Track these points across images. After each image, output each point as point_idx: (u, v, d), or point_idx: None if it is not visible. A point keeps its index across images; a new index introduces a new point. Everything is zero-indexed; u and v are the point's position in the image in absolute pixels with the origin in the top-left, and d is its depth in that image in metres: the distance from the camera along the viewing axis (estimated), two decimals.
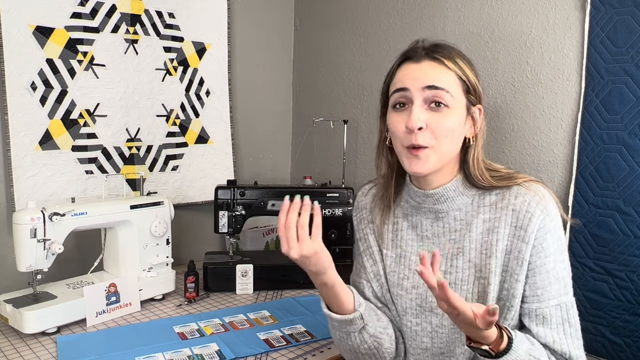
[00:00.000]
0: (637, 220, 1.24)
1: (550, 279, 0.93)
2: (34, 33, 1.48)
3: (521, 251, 0.93)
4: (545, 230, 0.93)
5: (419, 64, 0.96)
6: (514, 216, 0.95)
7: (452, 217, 1.01)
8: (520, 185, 0.96)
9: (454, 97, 0.94)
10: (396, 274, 1.06)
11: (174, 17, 1.79)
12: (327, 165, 2.08)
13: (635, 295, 1.25)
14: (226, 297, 1.57)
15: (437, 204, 1.01)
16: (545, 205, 0.94)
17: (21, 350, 1.19)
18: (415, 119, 0.92)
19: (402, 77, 0.97)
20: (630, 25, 1.23)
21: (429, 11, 1.69)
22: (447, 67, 0.95)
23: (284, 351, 1.23)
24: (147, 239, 1.49)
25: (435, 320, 1.01)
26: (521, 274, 0.94)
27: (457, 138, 0.96)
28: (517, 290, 0.94)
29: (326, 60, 2.07)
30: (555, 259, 0.94)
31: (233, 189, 1.64)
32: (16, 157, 1.48)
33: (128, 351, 1.19)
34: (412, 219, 1.06)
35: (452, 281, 0.99)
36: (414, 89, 0.94)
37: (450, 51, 0.97)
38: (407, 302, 1.04)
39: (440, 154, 0.95)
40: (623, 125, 1.25)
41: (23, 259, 1.26)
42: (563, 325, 0.94)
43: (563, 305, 0.94)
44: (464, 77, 0.96)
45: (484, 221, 0.98)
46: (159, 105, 1.78)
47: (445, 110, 0.93)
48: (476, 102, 0.98)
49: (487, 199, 0.99)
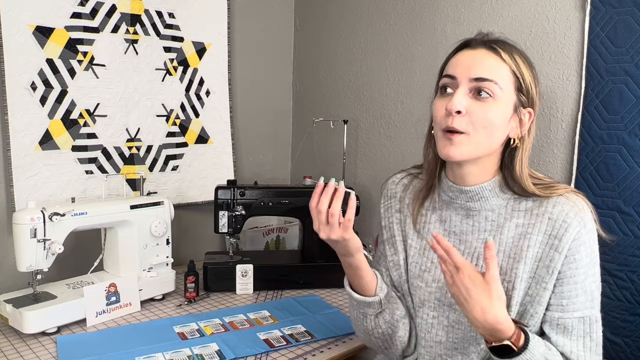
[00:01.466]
0: (637, 220, 1.24)
1: (578, 290, 0.92)
2: (34, 33, 1.48)
3: (553, 260, 0.92)
4: (579, 242, 0.92)
5: (475, 50, 0.95)
6: (549, 224, 0.93)
7: (484, 216, 1.00)
8: (561, 195, 0.95)
9: (502, 89, 0.92)
10: (418, 265, 1.06)
11: (174, 17, 1.79)
12: (327, 165, 2.08)
13: (635, 295, 1.25)
14: (226, 297, 1.57)
15: (471, 201, 1.00)
16: (583, 217, 0.92)
17: (21, 350, 1.19)
18: (455, 102, 0.91)
19: (455, 63, 0.96)
20: (630, 25, 1.23)
21: (429, 11, 1.69)
22: (501, 59, 0.93)
23: (284, 351, 1.23)
24: (147, 239, 1.49)
25: (453, 316, 1.01)
26: (550, 282, 0.93)
27: (496, 132, 0.93)
28: (544, 298, 0.93)
29: (326, 60, 2.07)
30: (585, 272, 0.92)
31: (233, 189, 1.64)
32: (16, 157, 1.48)
33: (128, 351, 1.19)
34: (441, 213, 1.05)
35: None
36: (461, 78, 0.93)
37: (510, 46, 0.96)
38: (426, 294, 1.03)
39: (475, 143, 0.93)
40: (623, 125, 1.25)
41: (23, 259, 1.26)
42: (584, 338, 0.92)
43: (587, 319, 0.93)
44: (517, 73, 0.93)
45: (517, 226, 0.97)
46: (159, 105, 1.78)
47: (489, 101, 0.92)
48: (527, 104, 0.95)
49: (523, 204, 0.97)
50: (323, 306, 1.50)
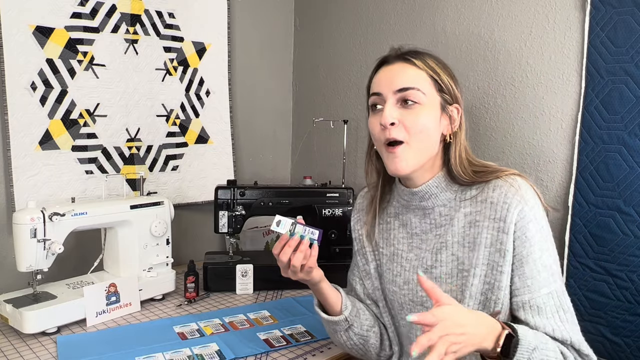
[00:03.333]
0: (637, 220, 1.24)
1: (539, 267, 0.94)
2: (34, 33, 1.48)
3: (502, 242, 0.95)
4: (526, 220, 0.94)
5: (392, 65, 1.03)
6: (492, 208, 0.97)
7: (438, 212, 1.04)
8: (499, 178, 0.98)
9: (425, 94, 0.99)
10: (390, 271, 1.10)
11: (174, 17, 1.79)
12: (327, 165, 2.08)
13: (635, 295, 1.25)
14: (226, 297, 1.57)
15: (423, 200, 1.05)
16: (523, 195, 0.95)
17: (21, 350, 1.19)
18: (387, 115, 0.98)
19: (377, 81, 1.04)
20: (630, 25, 1.23)
21: (429, 11, 1.69)
22: (417, 67, 1.00)
23: (284, 351, 1.23)
24: (147, 239, 1.49)
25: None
26: (505, 265, 0.94)
27: (432, 134, 1.00)
28: (503, 282, 0.95)
29: (326, 60, 2.07)
30: (540, 248, 0.94)
31: (233, 189, 1.64)
32: (16, 157, 1.48)
33: (128, 351, 1.19)
34: (402, 218, 1.10)
35: (437, 275, 1.02)
36: (386, 92, 1.00)
37: (422, 54, 1.03)
38: (401, 297, 1.08)
39: (415, 150, 0.99)
40: (623, 125, 1.25)
41: (23, 259, 1.26)
42: (558, 312, 0.94)
43: (554, 293, 0.94)
44: (435, 75, 1.00)
45: (465, 215, 1.00)
46: (159, 105, 1.78)
47: (416, 107, 0.98)
48: (452, 102, 1.02)
49: (468, 193, 1.02)
50: None
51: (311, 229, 1.05)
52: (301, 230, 1.03)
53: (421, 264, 1.05)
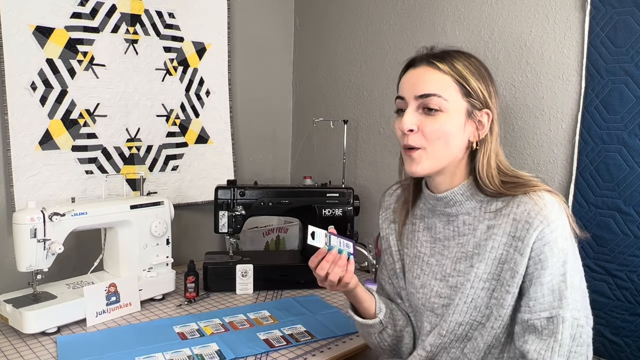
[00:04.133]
0: (637, 220, 1.24)
1: (544, 291, 0.90)
2: (34, 33, 1.48)
3: (516, 263, 0.92)
4: (543, 242, 0.90)
5: (417, 69, 0.99)
6: (513, 225, 0.93)
7: (462, 221, 1.02)
8: (526, 194, 0.93)
9: (448, 100, 0.95)
10: (411, 272, 1.10)
11: (174, 17, 1.79)
12: (327, 165, 2.08)
13: (635, 295, 1.25)
14: (226, 297, 1.57)
15: (447, 207, 1.03)
16: (546, 216, 0.90)
17: (21, 350, 1.19)
18: (405, 121, 0.96)
19: (402, 84, 1.01)
20: (630, 25, 1.23)
21: (428, 11, 1.69)
22: (441, 71, 0.96)
23: (284, 351, 1.23)
24: (147, 239, 1.49)
25: (435, 321, 1.03)
26: (512, 285, 0.92)
27: (452, 141, 0.96)
28: (506, 302, 0.93)
29: (326, 60, 2.07)
30: (552, 272, 0.90)
31: (233, 189, 1.64)
32: (16, 157, 1.48)
33: (128, 351, 1.19)
34: (427, 221, 1.08)
35: (453, 284, 1.00)
36: (408, 97, 0.98)
37: (452, 56, 0.98)
38: (416, 300, 1.08)
39: (433, 155, 0.97)
40: (623, 125, 1.25)
41: (23, 259, 1.26)
42: (550, 338, 0.89)
43: (554, 319, 0.89)
44: (462, 80, 0.95)
45: (488, 227, 0.97)
46: (159, 105, 1.78)
47: (438, 115, 0.95)
48: (481, 107, 0.97)
49: (494, 205, 0.97)
50: (323, 306, 1.50)
51: (345, 241, 1.04)
52: (337, 243, 1.01)
53: (440, 270, 1.03)
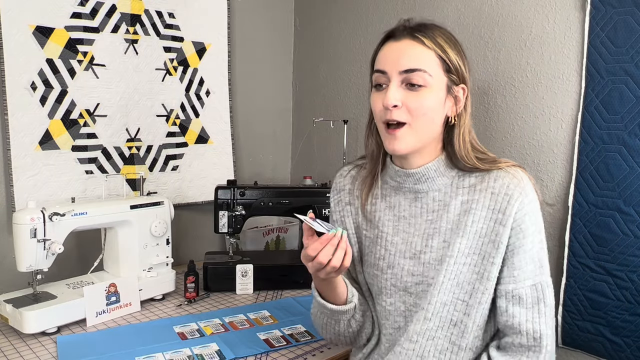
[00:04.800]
0: (637, 220, 1.24)
1: (527, 259, 0.95)
2: (34, 33, 1.48)
3: (498, 234, 0.94)
4: (523, 212, 0.94)
5: (399, 42, 0.97)
6: (492, 199, 0.95)
7: (431, 197, 1.01)
8: (501, 169, 0.97)
9: (432, 76, 0.94)
10: (372, 254, 1.06)
11: (174, 17, 1.79)
12: (327, 165, 2.07)
13: (635, 295, 1.25)
14: (226, 297, 1.57)
15: (418, 183, 1.02)
16: (524, 187, 0.95)
17: (21, 350, 1.19)
18: (390, 97, 0.94)
19: (382, 57, 0.98)
20: (630, 25, 1.23)
21: (428, 11, 1.68)
22: (425, 46, 0.95)
23: (284, 351, 1.23)
24: (147, 239, 1.49)
25: (410, 300, 1.01)
26: (497, 256, 0.94)
27: (435, 117, 0.97)
28: (492, 274, 0.95)
29: (326, 61, 2.07)
30: (532, 240, 0.95)
31: (233, 189, 1.65)
32: (16, 157, 1.48)
33: (128, 351, 1.19)
34: (390, 200, 1.06)
35: (425, 261, 0.99)
36: (391, 72, 0.95)
37: (433, 30, 0.97)
38: (382, 281, 1.04)
39: (417, 132, 0.96)
40: (623, 125, 1.25)
41: (23, 259, 1.26)
42: (538, 304, 0.95)
43: (538, 285, 0.95)
44: (443, 55, 0.95)
45: (462, 203, 0.98)
46: (159, 105, 1.78)
47: (422, 90, 0.94)
48: (459, 82, 0.98)
49: (467, 180, 0.99)
50: None
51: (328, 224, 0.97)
52: (327, 227, 0.94)
53: (409, 249, 1.01)
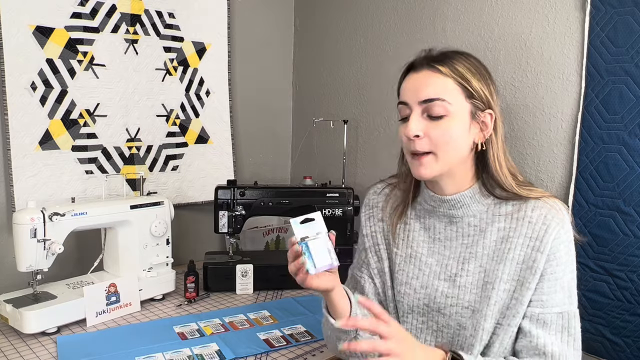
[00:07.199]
0: (637, 220, 1.24)
1: (557, 287, 0.95)
2: (34, 33, 1.48)
3: (536, 260, 0.95)
4: (560, 241, 0.96)
5: (418, 73, 0.98)
6: (530, 227, 0.97)
7: (467, 222, 1.03)
8: (539, 199, 0.99)
9: (452, 104, 0.95)
10: (405, 272, 1.07)
11: (174, 17, 1.79)
12: (327, 165, 2.07)
13: (635, 295, 1.25)
14: (226, 297, 1.57)
15: (453, 209, 1.03)
16: (562, 218, 0.97)
17: (21, 350, 1.19)
18: (411, 128, 0.96)
19: (404, 89, 1.01)
20: (630, 25, 1.23)
21: (428, 11, 1.68)
22: (443, 74, 0.96)
23: (284, 351, 1.23)
24: (147, 239, 1.49)
25: (442, 320, 1.03)
26: (532, 282, 0.95)
27: (460, 144, 0.97)
28: (526, 298, 0.96)
29: (326, 60, 2.07)
30: (564, 269, 0.96)
31: (233, 189, 1.65)
32: (16, 157, 1.48)
33: (128, 351, 1.19)
34: (424, 221, 1.08)
35: (461, 284, 1.01)
36: (412, 103, 0.97)
37: (452, 58, 0.98)
38: (415, 300, 1.05)
39: (441, 159, 0.97)
40: (623, 125, 1.25)
41: (23, 259, 1.26)
42: (562, 333, 0.95)
43: (565, 314, 0.96)
44: (464, 82, 0.96)
45: (498, 230, 1.00)
46: (159, 105, 1.78)
47: (443, 119, 0.95)
48: (484, 108, 0.98)
49: (503, 208, 1.00)
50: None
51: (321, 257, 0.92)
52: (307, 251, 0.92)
53: (444, 271, 1.03)
